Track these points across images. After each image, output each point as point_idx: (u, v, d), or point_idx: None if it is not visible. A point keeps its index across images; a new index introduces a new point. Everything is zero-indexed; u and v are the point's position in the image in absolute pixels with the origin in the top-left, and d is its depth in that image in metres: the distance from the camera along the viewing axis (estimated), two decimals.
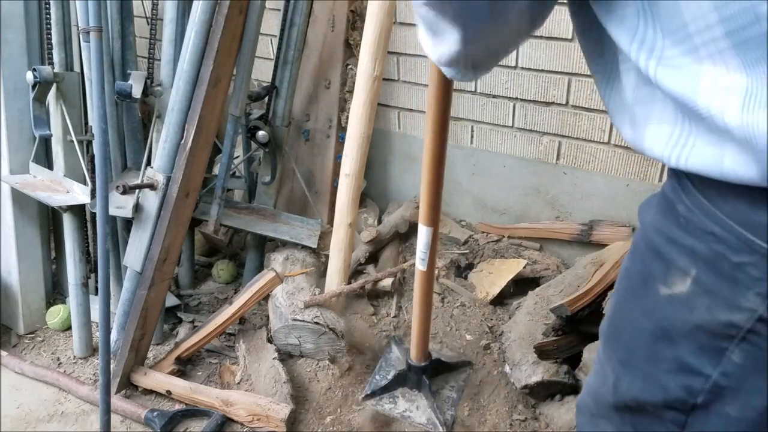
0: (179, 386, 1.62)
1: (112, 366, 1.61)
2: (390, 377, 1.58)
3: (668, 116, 0.55)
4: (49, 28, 1.70)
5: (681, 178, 0.58)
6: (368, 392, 1.58)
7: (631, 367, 0.67)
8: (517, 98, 1.95)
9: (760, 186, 0.49)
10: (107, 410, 1.46)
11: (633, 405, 0.67)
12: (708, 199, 0.54)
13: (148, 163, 1.72)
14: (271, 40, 2.35)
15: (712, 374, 0.57)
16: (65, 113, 1.69)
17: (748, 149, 0.48)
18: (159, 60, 1.79)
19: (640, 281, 0.64)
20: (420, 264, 1.36)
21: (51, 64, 1.70)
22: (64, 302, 1.98)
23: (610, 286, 1.48)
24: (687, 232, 0.57)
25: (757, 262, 0.51)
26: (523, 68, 1.90)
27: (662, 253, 0.60)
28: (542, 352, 1.53)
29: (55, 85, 1.67)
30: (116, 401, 1.58)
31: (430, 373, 1.55)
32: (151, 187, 1.63)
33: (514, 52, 1.89)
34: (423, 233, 1.32)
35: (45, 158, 1.85)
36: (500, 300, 1.92)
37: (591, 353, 1.51)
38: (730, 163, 0.50)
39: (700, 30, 0.48)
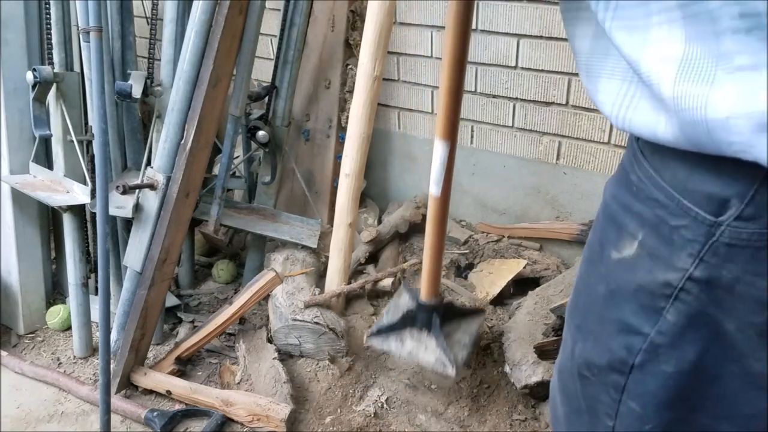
0: (179, 386, 1.62)
1: (112, 366, 1.61)
2: (398, 317, 1.47)
3: (619, 72, 0.58)
4: (49, 28, 1.70)
5: (635, 151, 0.62)
6: (374, 331, 1.47)
7: (585, 330, 0.71)
8: (517, 98, 1.95)
9: (687, 150, 0.53)
10: (107, 410, 1.46)
11: (584, 371, 0.70)
12: (654, 169, 0.59)
13: (148, 163, 1.72)
14: (271, 40, 2.35)
15: (649, 333, 0.61)
16: (65, 113, 1.69)
17: (676, 119, 0.52)
18: (159, 60, 1.79)
19: (598, 249, 0.68)
20: (434, 187, 1.19)
21: (51, 64, 1.70)
22: (64, 302, 1.98)
23: None
24: (637, 199, 0.61)
25: (690, 225, 0.55)
26: (523, 68, 1.90)
27: (617, 219, 0.64)
28: (542, 352, 1.53)
29: (55, 85, 1.67)
30: (116, 401, 1.58)
31: (441, 314, 1.45)
32: (151, 187, 1.63)
33: (514, 52, 1.89)
34: (439, 149, 1.14)
35: (45, 158, 1.85)
36: (500, 300, 1.92)
37: None
38: (662, 130, 0.54)
39: None
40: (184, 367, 1.74)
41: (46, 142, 1.83)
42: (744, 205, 0.52)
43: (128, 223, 1.77)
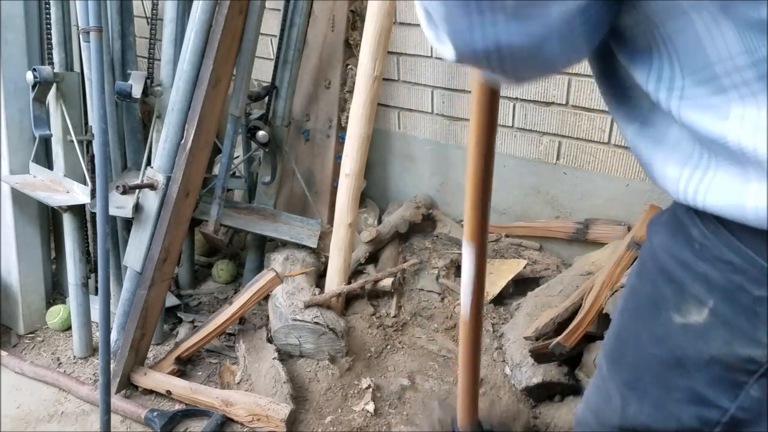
0: (179, 386, 1.62)
1: (112, 366, 1.61)
2: None
3: (676, 158, 0.53)
4: (49, 28, 1.70)
5: None
6: None
7: (639, 391, 0.65)
8: (517, 98, 1.95)
9: None
10: (107, 410, 1.46)
11: (642, 430, 0.66)
12: (726, 226, 0.52)
13: (148, 163, 1.72)
14: (271, 40, 2.35)
15: (729, 408, 0.56)
16: (65, 113, 1.69)
17: None
18: (159, 60, 1.79)
19: (650, 305, 0.62)
20: (463, 310, 1.13)
21: (51, 64, 1.70)
22: (64, 302, 1.98)
23: (601, 311, 1.47)
24: (701, 258, 0.54)
25: None
26: None
27: (675, 277, 0.58)
28: (539, 356, 1.53)
29: (55, 85, 1.67)
30: (116, 401, 1.58)
31: None
32: (151, 187, 1.63)
33: None
34: (466, 251, 1.09)
35: (45, 158, 1.85)
36: (500, 300, 1.92)
37: (590, 354, 1.51)
38: (753, 201, 0.48)
39: (729, 71, 0.46)
40: (184, 367, 1.74)
41: (46, 142, 1.83)
42: None
43: (128, 223, 1.77)
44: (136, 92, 1.67)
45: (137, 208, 1.66)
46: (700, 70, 0.47)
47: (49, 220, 1.99)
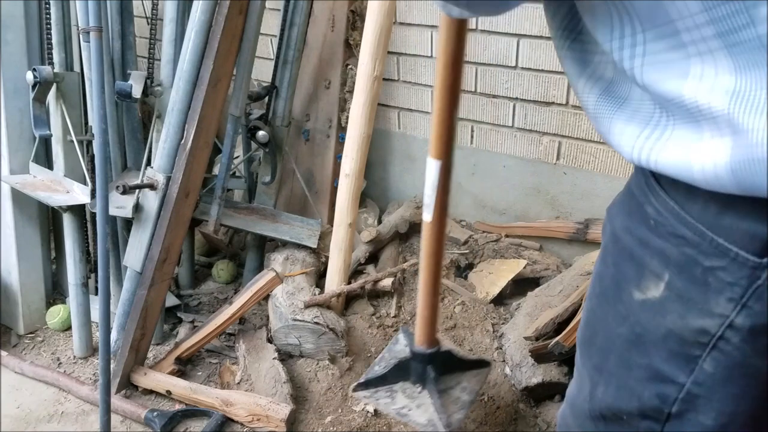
0: (179, 386, 1.62)
1: (112, 366, 1.61)
2: (390, 366, 1.28)
3: (640, 117, 0.54)
4: (49, 28, 1.70)
5: (648, 177, 0.57)
6: (361, 381, 1.29)
7: (606, 373, 0.65)
8: (517, 98, 1.95)
9: (728, 193, 0.48)
10: (107, 410, 1.46)
11: (608, 413, 0.66)
12: (676, 201, 0.53)
13: (148, 163, 1.72)
14: (271, 40, 2.35)
15: (685, 383, 0.56)
16: (65, 113, 1.69)
17: (727, 156, 0.46)
18: (159, 60, 1.79)
19: (614, 285, 0.63)
20: (426, 212, 1.07)
21: (51, 64, 1.70)
22: (64, 302, 1.98)
23: None
24: (657, 234, 0.55)
25: (728, 267, 0.50)
26: (523, 68, 1.90)
27: (634, 255, 0.58)
28: (538, 356, 1.53)
29: (55, 85, 1.67)
30: (116, 401, 1.58)
31: (439, 365, 1.25)
32: (151, 187, 1.63)
33: (514, 52, 1.89)
34: (431, 168, 1.04)
35: (45, 158, 1.85)
36: (500, 300, 1.92)
37: None
38: (699, 171, 0.48)
39: (689, 28, 0.46)
40: (184, 367, 1.74)
41: (46, 142, 1.83)
42: None
43: (128, 223, 1.77)
44: (136, 92, 1.67)
45: (137, 208, 1.66)
46: (660, 26, 0.47)
47: (49, 220, 1.99)
